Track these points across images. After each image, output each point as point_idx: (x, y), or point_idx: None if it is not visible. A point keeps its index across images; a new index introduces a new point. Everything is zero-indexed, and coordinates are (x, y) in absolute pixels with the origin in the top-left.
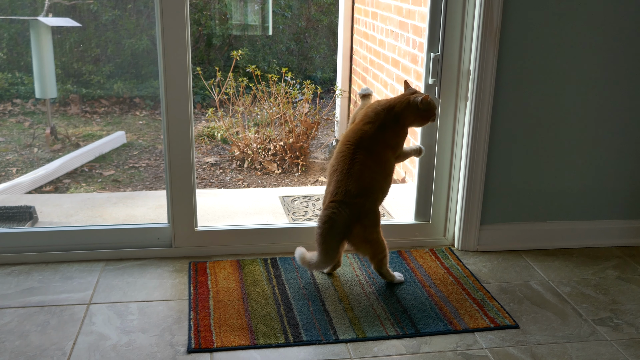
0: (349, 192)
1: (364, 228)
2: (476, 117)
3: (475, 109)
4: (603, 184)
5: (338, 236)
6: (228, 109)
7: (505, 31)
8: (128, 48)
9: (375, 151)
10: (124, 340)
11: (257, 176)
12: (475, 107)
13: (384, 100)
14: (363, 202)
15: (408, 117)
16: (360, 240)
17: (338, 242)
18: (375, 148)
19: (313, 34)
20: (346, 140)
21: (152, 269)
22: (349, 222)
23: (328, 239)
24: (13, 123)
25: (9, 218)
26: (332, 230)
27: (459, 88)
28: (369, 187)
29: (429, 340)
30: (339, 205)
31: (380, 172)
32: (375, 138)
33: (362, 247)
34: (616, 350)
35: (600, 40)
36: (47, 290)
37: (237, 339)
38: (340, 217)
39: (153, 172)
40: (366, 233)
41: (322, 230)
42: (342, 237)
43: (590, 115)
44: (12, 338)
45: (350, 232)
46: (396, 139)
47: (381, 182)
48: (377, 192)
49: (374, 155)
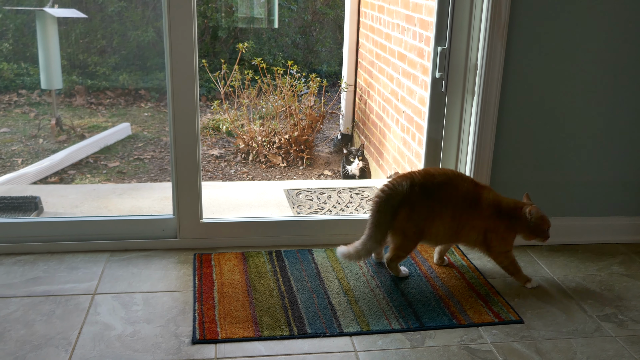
0: (415, 184)
1: (408, 216)
2: (483, 112)
3: (482, 103)
4: (609, 180)
5: (391, 211)
6: (233, 101)
7: (513, 25)
8: (134, 40)
9: (464, 212)
10: (129, 331)
11: (261, 169)
12: (482, 102)
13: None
14: (420, 198)
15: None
16: (399, 226)
17: (389, 217)
18: (468, 210)
19: (319, 27)
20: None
21: (157, 260)
22: (403, 201)
23: (382, 208)
24: (18, 114)
25: (14, 208)
26: (388, 202)
27: (466, 82)
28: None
29: (433, 334)
30: (402, 181)
31: (453, 226)
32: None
33: (395, 234)
34: (621, 347)
35: (609, 33)
36: (53, 280)
37: (241, 331)
38: (400, 190)
39: (158, 164)
40: (406, 222)
41: (380, 199)
42: (393, 215)
43: (597, 110)
44: (17, 327)
45: (397, 213)
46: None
47: (448, 230)
48: (437, 219)
49: (461, 212)
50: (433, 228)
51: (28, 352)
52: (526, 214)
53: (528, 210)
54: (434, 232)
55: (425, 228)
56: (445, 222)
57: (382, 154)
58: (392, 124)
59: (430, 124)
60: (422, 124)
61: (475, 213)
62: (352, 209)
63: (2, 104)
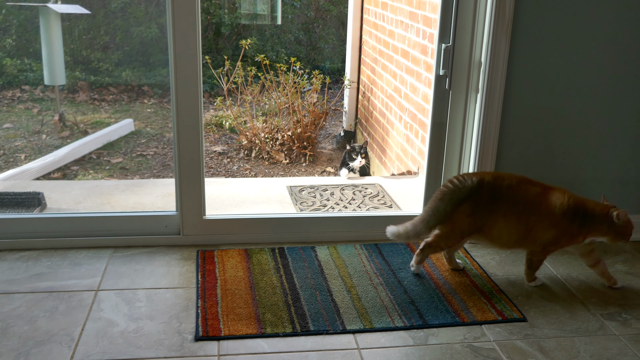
0: (484, 183)
1: (469, 211)
2: (486, 109)
3: (486, 100)
4: (613, 177)
5: (454, 202)
6: (236, 98)
7: (518, 22)
8: (137, 36)
9: (533, 213)
10: (132, 327)
11: (264, 166)
12: (486, 99)
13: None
14: (486, 197)
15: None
16: (457, 219)
17: (450, 208)
18: (539, 211)
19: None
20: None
21: (160, 257)
22: (469, 195)
23: (446, 198)
24: (22, 109)
25: (17, 204)
26: (454, 193)
27: (470, 79)
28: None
29: (436, 332)
30: (472, 176)
31: (520, 230)
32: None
33: (447, 225)
34: (624, 345)
35: (614, 29)
36: (56, 276)
37: (244, 328)
38: (468, 184)
39: (161, 160)
40: (465, 217)
41: (447, 188)
42: (455, 207)
43: (601, 107)
44: (20, 323)
45: (459, 206)
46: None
47: (514, 234)
48: (501, 220)
49: (528, 216)
50: (495, 229)
51: (31, 348)
52: (614, 217)
53: (616, 215)
54: (496, 233)
55: (486, 228)
56: (510, 225)
57: (385, 151)
58: (395, 121)
59: (433, 121)
60: (426, 121)
61: (546, 217)
62: (354, 206)
63: (6, 100)
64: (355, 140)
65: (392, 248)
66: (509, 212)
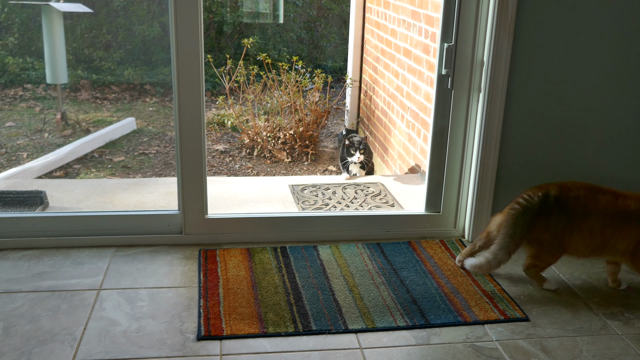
0: (549, 196)
1: (543, 227)
2: (489, 109)
3: (488, 100)
4: (617, 176)
5: (527, 222)
6: (238, 96)
7: (520, 21)
8: (139, 34)
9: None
10: (134, 327)
11: (266, 164)
12: (488, 98)
13: None
14: (556, 210)
15: None
16: (535, 237)
17: (525, 229)
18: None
19: (324, 23)
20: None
21: (162, 256)
22: (538, 212)
23: (519, 220)
24: (24, 108)
25: (20, 202)
26: (525, 214)
27: (472, 79)
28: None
29: (438, 332)
30: (537, 191)
31: (595, 239)
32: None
33: (530, 244)
34: (627, 345)
35: (618, 28)
36: (58, 275)
37: (246, 327)
38: (535, 201)
39: (163, 159)
40: (542, 233)
41: (516, 210)
42: (529, 227)
43: (606, 106)
44: (22, 322)
45: (533, 225)
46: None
47: (590, 244)
48: (575, 231)
49: (603, 225)
50: (572, 241)
51: (34, 347)
52: None
53: None
54: (573, 245)
55: (565, 240)
56: (585, 235)
57: (387, 150)
58: (397, 120)
59: (436, 120)
60: (428, 120)
61: (623, 224)
62: (357, 205)
63: (8, 98)
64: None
65: (395, 248)
66: (581, 225)
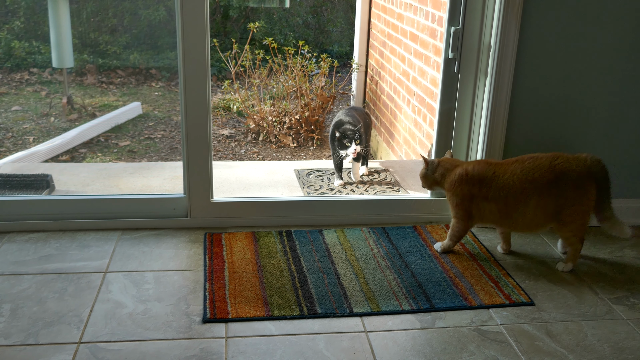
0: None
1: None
2: (496, 93)
3: (495, 84)
4: (623, 161)
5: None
6: (244, 81)
7: (528, 5)
8: (145, 18)
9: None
10: (140, 309)
11: (272, 149)
12: (495, 83)
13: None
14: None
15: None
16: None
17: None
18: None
19: (330, 7)
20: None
21: (168, 239)
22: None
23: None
24: (30, 92)
25: (26, 186)
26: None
27: (479, 63)
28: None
29: (443, 316)
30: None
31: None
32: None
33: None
34: (632, 329)
35: (627, 12)
36: (65, 258)
37: (252, 310)
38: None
39: (168, 143)
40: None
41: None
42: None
43: (613, 91)
44: (30, 304)
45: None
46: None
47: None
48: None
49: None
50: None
51: (41, 328)
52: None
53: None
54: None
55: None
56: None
57: (392, 135)
58: (403, 104)
59: (442, 105)
60: (434, 105)
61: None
62: (362, 190)
63: (14, 82)
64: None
65: (400, 232)
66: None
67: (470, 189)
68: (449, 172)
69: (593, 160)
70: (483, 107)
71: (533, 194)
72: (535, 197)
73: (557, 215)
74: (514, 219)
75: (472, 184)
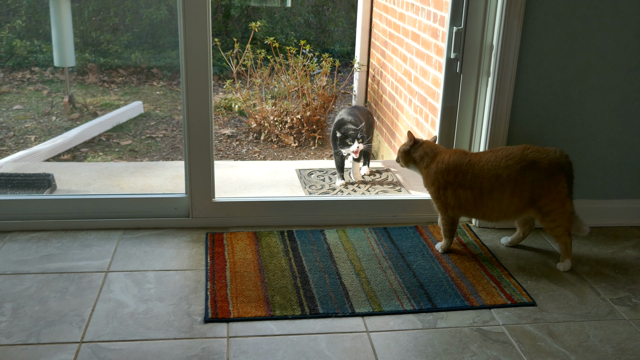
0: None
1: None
2: (498, 93)
3: (498, 84)
4: (624, 162)
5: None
6: (245, 80)
7: (530, 5)
8: (146, 17)
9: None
10: (142, 309)
11: (273, 149)
12: (497, 83)
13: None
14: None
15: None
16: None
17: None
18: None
19: (332, 7)
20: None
21: (169, 239)
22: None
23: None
24: (32, 91)
25: (28, 185)
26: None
27: (482, 63)
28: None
29: (445, 316)
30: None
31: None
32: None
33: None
34: (634, 330)
35: (629, 12)
36: (66, 257)
37: (253, 310)
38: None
39: (170, 143)
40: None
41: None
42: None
43: (615, 92)
44: (31, 303)
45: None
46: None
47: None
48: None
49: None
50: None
51: (42, 328)
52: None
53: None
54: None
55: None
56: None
57: (394, 134)
58: (405, 104)
59: (444, 105)
60: (436, 105)
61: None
62: (364, 190)
63: (16, 81)
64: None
65: (401, 232)
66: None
67: (446, 176)
68: (427, 156)
69: (562, 154)
70: (485, 107)
71: (508, 181)
72: (510, 184)
73: (533, 202)
74: (489, 207)
75: (447, 172)
